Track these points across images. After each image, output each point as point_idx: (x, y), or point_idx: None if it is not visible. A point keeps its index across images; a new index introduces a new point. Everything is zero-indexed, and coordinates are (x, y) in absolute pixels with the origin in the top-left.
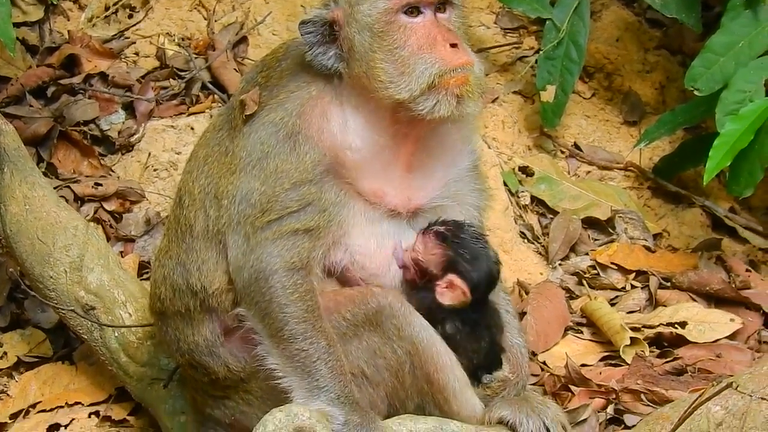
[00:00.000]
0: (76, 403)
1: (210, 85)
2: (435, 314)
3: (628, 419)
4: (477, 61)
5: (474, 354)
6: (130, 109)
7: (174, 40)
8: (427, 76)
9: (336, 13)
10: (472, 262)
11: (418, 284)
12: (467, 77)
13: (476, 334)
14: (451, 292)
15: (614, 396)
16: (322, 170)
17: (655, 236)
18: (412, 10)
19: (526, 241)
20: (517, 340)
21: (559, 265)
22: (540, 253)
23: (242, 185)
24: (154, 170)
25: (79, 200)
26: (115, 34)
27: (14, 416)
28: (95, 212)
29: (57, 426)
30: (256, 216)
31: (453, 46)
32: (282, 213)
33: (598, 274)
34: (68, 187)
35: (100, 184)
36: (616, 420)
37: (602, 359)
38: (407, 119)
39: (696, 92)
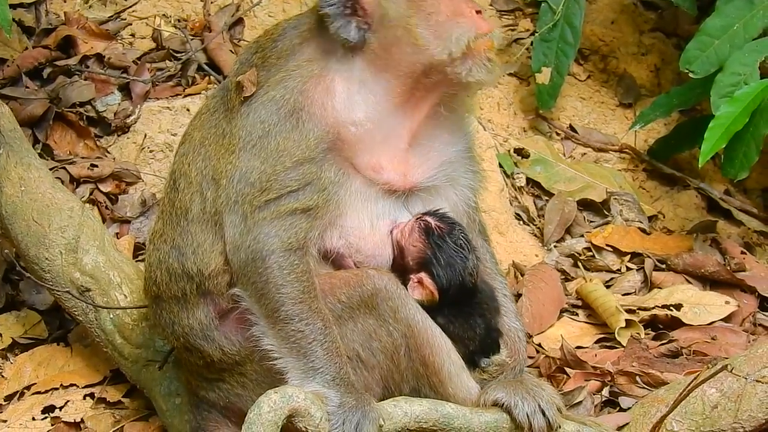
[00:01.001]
0: (71, 385)
1: (206, 67)
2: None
3: (624, 401)
4: (498, 29)
5: (470, 341)
6: (126, 90)
7: (170, 22)
8: (465, 39)
9: None
10: (445, 268)
11: (396, 266)
12: (493, 43)
13: (469, 323)
14: (420, 288)
15: (609, 378)
16: (325, 148)
17: (651, 218)
18: None
19: (521, 222)
20: (514, 324)
21: (555, 247)
22: (535, 235)
23: (241, 164)
24: (150, 152)
25: (75, 182)
26: (111, 16)
27: (9, 398)
28: (91, 194)
29: (52, 408)
30: (254, 195)
31: (478, 12)
32: (281, 192)
33: (593, 256)
34: (64, 168)
35: (96, 166)
36: (611, 402)
37: (597, 341)
38: (427, 87)
39: (691, 75)
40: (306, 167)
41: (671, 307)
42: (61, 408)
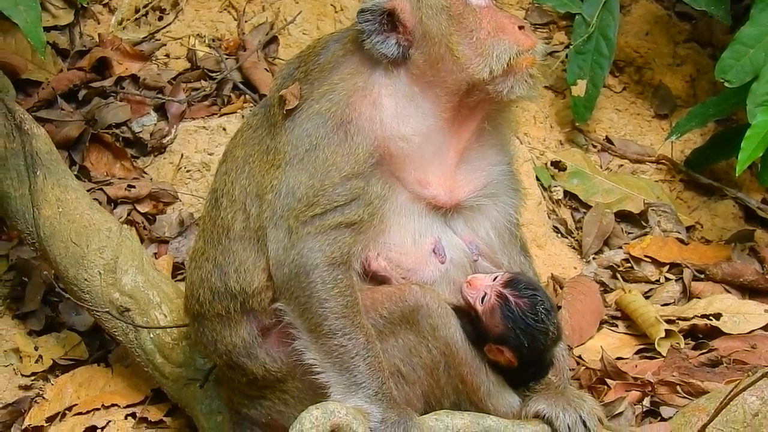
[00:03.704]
0: (113, 405)
1: (241, 86)
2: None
3: (665, 411)
4: (541, 44)
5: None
6: (161, 110)
7: (204, 42)
8: (507, 56)
9: (396, 2)
10: (529, 347)
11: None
12: (536, 59)
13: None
14: (499, 355)
15: (650, 388)
16: (373, 162)
17: (688, 228)
18: None
19: (559, 235)
20: (560, 343)
21: (593, 258)
22: (574, 248)
23: (288, 179)
24: (187, 171)
25: (112, 202)
26: (146, 37)
27: (50, 419)
28: (128, 214)
29: (94, 428)
30: (301, 210)
31: (521, 28)
32: (328, 207)
33: (632, 267)
34: (101, 189)
35: (133, 186)
36: (652, 412)
37: (637, 352)
38: (471, 105)
39: (726, 84)
40: (354, 182)
41: (710, 317)
42: (102, 428)
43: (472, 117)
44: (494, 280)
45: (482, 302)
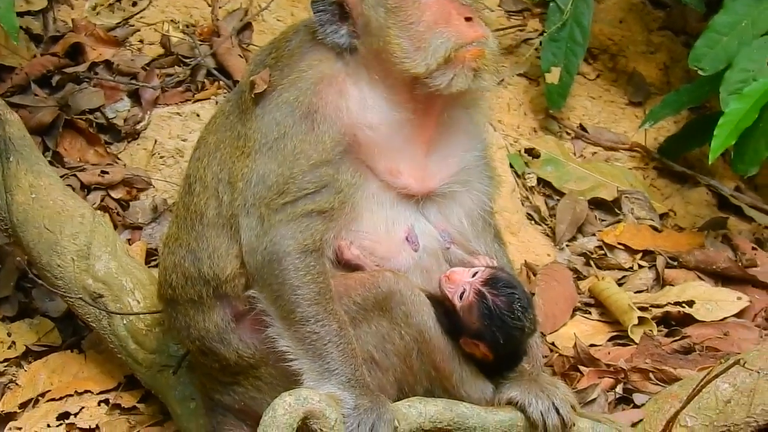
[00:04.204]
0: (86, 392)
1: (215, 72)
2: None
3: (637, 398)
4: (492, 35)
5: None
6: (135, 96)
7: (178, 27)
8: (443, 50)
9: None
10: (505, 344)
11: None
12: (482, 51)
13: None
14: (474, 348)
15: (623, 375)
16: (341, 150)
17: (662, 216)
18: None
19: (533, 222)
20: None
21: (567, 246)
22: (547, 235)
23: (258, 167)
24: (161, 157)
25: (86, 188)
26: (120, 22)
27: (23, 405)
28: (102, 200)
29: (66, 414)
30: (271, 198)
31: (468, 19)
32: (298, 194)
33: (605, 254)
34: (74, 175)
35: (107, 172)
36: (625, 399)
37: (610, 339)
38: (425, 96)
39: (700, 72)
40: (323, 169)
41: (683, 304)
42: (75, 414)
43: (433, 106)
44: (473, 276)
45: (461, 298)
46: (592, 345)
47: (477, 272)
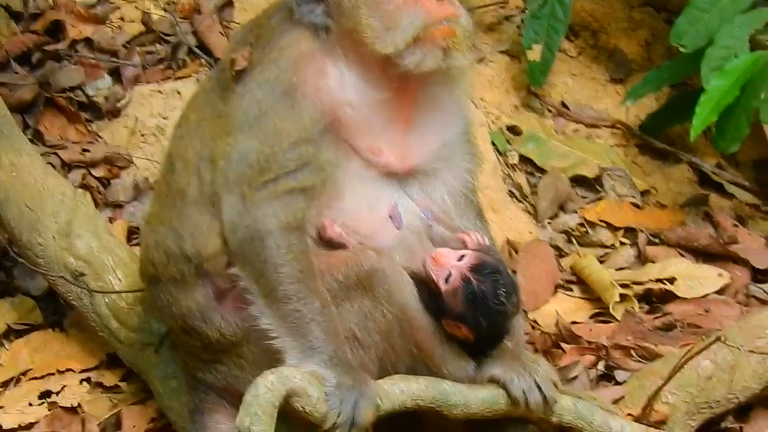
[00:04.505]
0: (68, 370)
1: (196, 50)
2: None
3: (619, 375)
4: (464, 13)
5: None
6: (116, 74)
7: (159, 5)
8: (412, 29)
9: None
10: (488, 328)
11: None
12: (453, 29)
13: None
14: (456, 330)
15: (605, 352)
16: (321, 128)
17: (643, 193)
18: None
19: (514, 200)
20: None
21: (548, 223)
22: (529, 212)
23: (239, 145)
24: (142, 135)
25: (67, 167)
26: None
27: (5, 384)
28: (83, 178)
29: (48, 393)
30: (253, 176)
31: None
32: (279, 172)
33: (587, 231)
34: (55, 153)
35: (88, 150)
36: (606, 376)
37: (592, 316)
38: (399, 75)
39: (681, 49)
40: (303, 147)
41: (665, 281)
42: (57, 393)
43: (409, 85)
44: (460, 259)
45: (446, 281)
46: (573, 322)
47: (463, 256)
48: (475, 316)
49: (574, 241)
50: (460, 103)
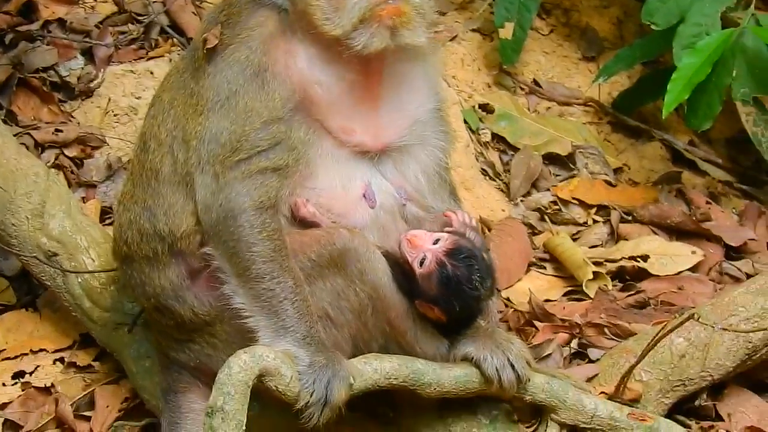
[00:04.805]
0: (41, 350)
1: (169, 29)
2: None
3: (592, 353)
4: None
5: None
6: (88, 54)
7: None
8: (357, 9)
9: None
10: (461, 310)
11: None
12: (399, 8)
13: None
14: (429, 311)
15: (578, 330)
16: (292, 108)
17: (616, 170)
18: None
19: (487, 178)
20: None
21: (521, 201)
22: (501, 190)
23: (211, 125)
24: (115, 115)
25: (40, 147)
26: None
27: None
28: (56, 158)
29: (22, 373)
30: (225, 155)
31: None
32: (251, 152)
33: (559, 209)
34: (28, 134)
35: (61, 131)
36: (580, 354)
37: (565, 294)
38: (358, 55)
39: (653, 26)
40: (275, 127)
41: (638, 259)
42: (31, 373)
43: (370, 64)
44: (435, 243)
45: (421, 264)
46: (546, 300)
47: (439, 239)
48: (448, 299)
49: (547, 219)
50: (432, 80)
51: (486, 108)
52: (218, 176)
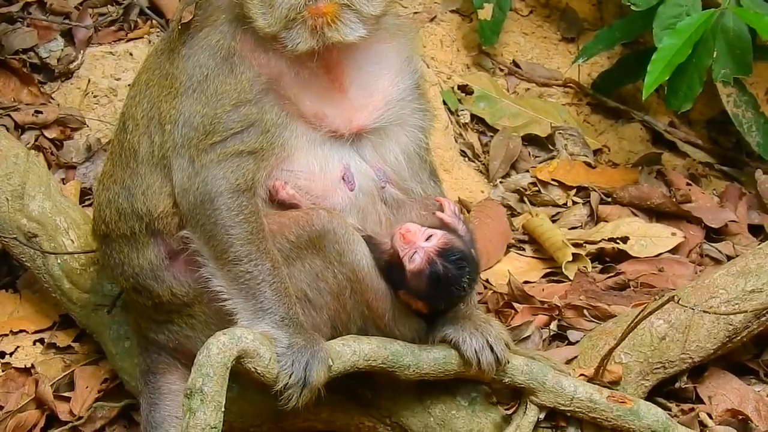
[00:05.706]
0: (21, 331)
1: (148, 11)
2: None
3: (572, 335)
4: None
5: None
6: (68, 36)
7: None
8: (286, 9)
9: None
10: (446, 305)
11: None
12: (321, 8)
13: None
14: (412, 302)
15: (557, 312)
16: (260, 89)
17: (596, 152)
18: None
19: (466, 159)
20: None
21: (500, 182)
22: (481, 171)
23: (184, 109)
24: (94, 97)
25: (20, 128)
26: None
27: None
28: (36, 140)
29: (2, 354)
30: (200, 139)
31: None
32: (225, 135)
33: (539, 190)
34: (8, 115)
35: (41, 112)
36: (559, 336)
37: (545, 276)
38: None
39: (633, 7)
40: (246, 108)
41: (618, 240)
42: (11, 354)
43: (330, 52)
44: (427, 239)
45: (411, 260)
46: (526, 282)
47: (432, 236)
48: (434, 296)
49: (527, 201)
50: (408, 59)
51: (465, 89)
52: (194, 160)
